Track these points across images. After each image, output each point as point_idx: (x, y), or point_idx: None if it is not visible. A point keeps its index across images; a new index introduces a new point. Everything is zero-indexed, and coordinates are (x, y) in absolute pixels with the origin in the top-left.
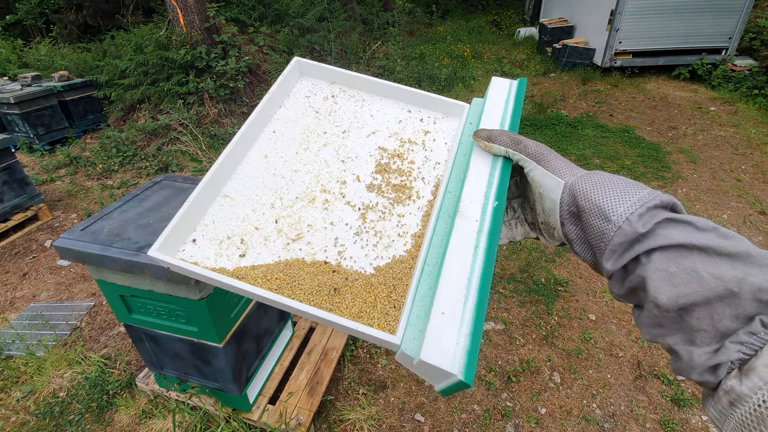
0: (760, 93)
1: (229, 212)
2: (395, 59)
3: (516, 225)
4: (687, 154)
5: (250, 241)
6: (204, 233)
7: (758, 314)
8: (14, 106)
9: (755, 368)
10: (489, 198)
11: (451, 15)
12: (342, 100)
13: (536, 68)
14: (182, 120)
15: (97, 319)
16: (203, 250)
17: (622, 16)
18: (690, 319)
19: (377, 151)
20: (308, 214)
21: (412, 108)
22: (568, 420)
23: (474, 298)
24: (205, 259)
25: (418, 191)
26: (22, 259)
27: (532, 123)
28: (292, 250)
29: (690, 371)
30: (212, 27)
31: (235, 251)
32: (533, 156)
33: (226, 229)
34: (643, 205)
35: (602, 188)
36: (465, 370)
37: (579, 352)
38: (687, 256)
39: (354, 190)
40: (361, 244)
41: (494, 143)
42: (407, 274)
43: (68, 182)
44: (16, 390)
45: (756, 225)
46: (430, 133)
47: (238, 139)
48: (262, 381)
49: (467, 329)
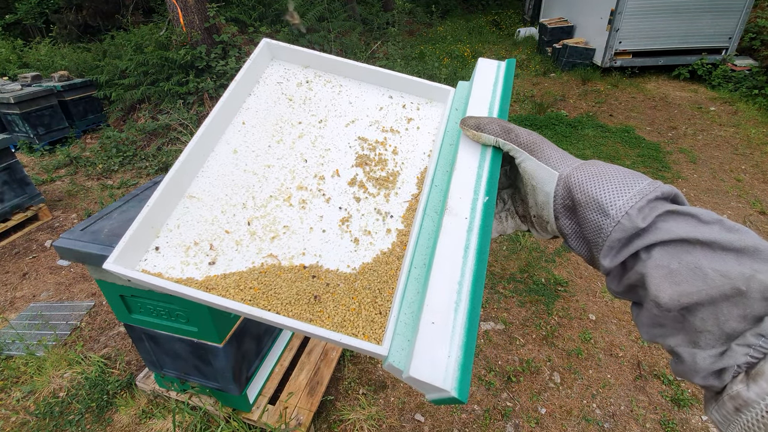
0: (760, 93)
1: (196, 215)
2: (395, 59)
3: (506, 218)
4: (687, 154)
5: (221, 246)
6: (168, 240)
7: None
8: (14, 106)
9: (764, 373)
10: (479, 193)
11: (451, 15)
12: (317, 86)
13: (536, 68)
14: (182, 120)
15: (97, 319)
16: (168, 258)
17: (622, 16)
18: (693, 320)
19: (357, 141)
20: (284, 215)
21: (393, 93)
22: (568, 420)
23: (466, 305)
24: (170, 269)
25: (402, 186)
26: (22, 259)
27: (532, 123)
28: (268, 255)
29: (693, 374)
30: (212, 27)
31: (204, 258)
32: (525, 146)
33: (193, 234)
34: (643, 197)
35: (599, 179)
36: (458, 386)
37: (579, 352)
38: (690, 251)
39: (333, 185)
40: (343, 245)
41: (483, 132)
42: (393, 276)
43: (68, 182)
44: (16, 390)
45: (756, 225)
46: (414, 121)
47: (202, 133)
48: (262, 381)
49: (459, 340)
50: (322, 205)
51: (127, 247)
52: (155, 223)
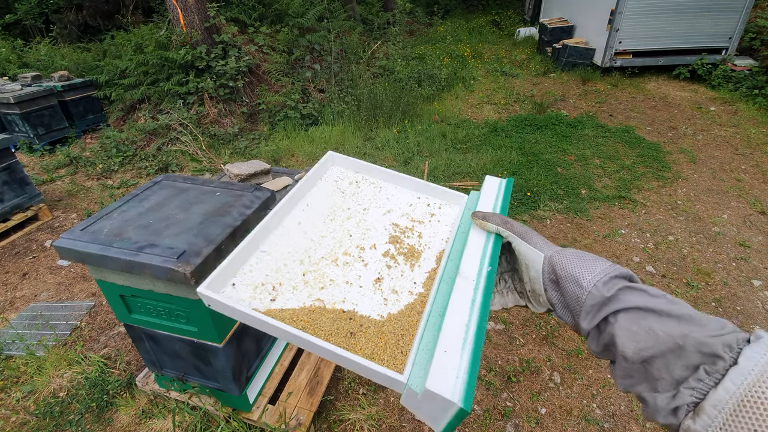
0: (760, 93)
1: (265, 264)
2: (395, 59)
3: (507, 293)
4: (687, 154)
5: (281, 288)
6: (242, 279)
7: (702, 364)
8: (14, 106)
9: (704, 408)
10: (484, 264)
11: (451, 15)
12: (364, 186)
13: (536, 68)
14: (182, 120)
15: (97, 319)
16: (240, 292)
17: (622, 16)
18: (652, 369)
19: (391, 225)
20: (331, 271)
21: (421, 195)
22: (568, 420)
23: (471, 344)
24: (240, 301)
25: (424, 261)
26: (22, 259)
27: (532, 123)
28: (316, 299)
29: (656, 414)
30: (212, 27)
31: (267, 296)
32: (519, 234)
33: (261, 277)
34: (606, 274)
35: (574, 260)
36: (464, 399)
37: (579, 352)
38: (645, 317)
39: (370, 254)
40: (374, 298)
41: (488, 222)
42: (414, 325)
43: (68, 182)
44: (16, 390)
45: (756, 225)
46: (435, 215)
47: (279, 208)
48: (262, 381)
49: (465, 367)
50: (360, 268)
51: (215, 279)
52: (235, 266)
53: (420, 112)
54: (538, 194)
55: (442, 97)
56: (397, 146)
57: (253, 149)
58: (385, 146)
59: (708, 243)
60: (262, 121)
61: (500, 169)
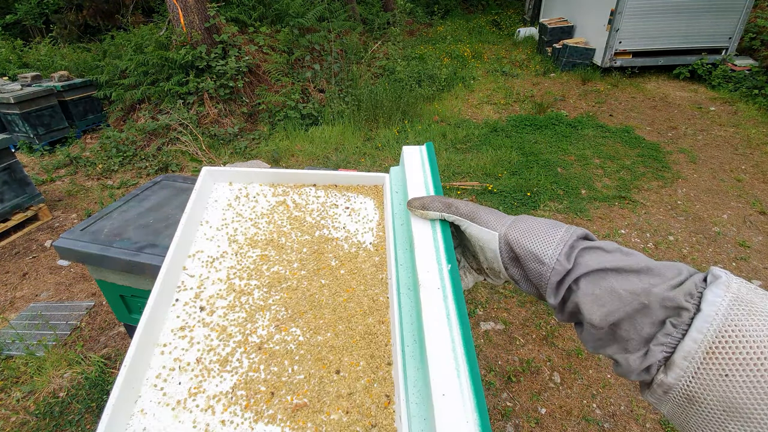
0: (760, 93)
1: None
2: (395, 59)
3: (465, 274)
4: (687, 154)
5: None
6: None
7: (667, 317)
8: (14, 106)
9: (675, 361)
10: (441, 263)
11: (451, 15)
12: (260, 199)
13: (536, 68)
14: (182, 120)
15: (97, 319)
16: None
17: (622, 16)
18: (620, 332)
19: (309, 243)
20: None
21: (330, 190)
22: (568, 420)
23: (466, 370)
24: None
25: (367, 272)
26: (22, 259)
27: (532, 123)
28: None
29: (629, 374)
30: (212, 27)
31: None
32: (466, 215)
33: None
34: (565, 244)
35: (529, 235)
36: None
37: (579, 352)
38: (604, 277)
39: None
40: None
41: (429, 210)
42: (387, 353)
43: (68, 182)
44: (16, 390)
45: (756, 225)
46: (356, 211)
47: (165, 273)
48: None
49: (471, 403)
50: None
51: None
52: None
53: (420, 112)
54: (538, 194)
55: (442, 97)
56: (397, 146)
57: (253, 149)
58: (385, 146)
59: (708, 243)
60: (262, 121)
61: (500, 168)
